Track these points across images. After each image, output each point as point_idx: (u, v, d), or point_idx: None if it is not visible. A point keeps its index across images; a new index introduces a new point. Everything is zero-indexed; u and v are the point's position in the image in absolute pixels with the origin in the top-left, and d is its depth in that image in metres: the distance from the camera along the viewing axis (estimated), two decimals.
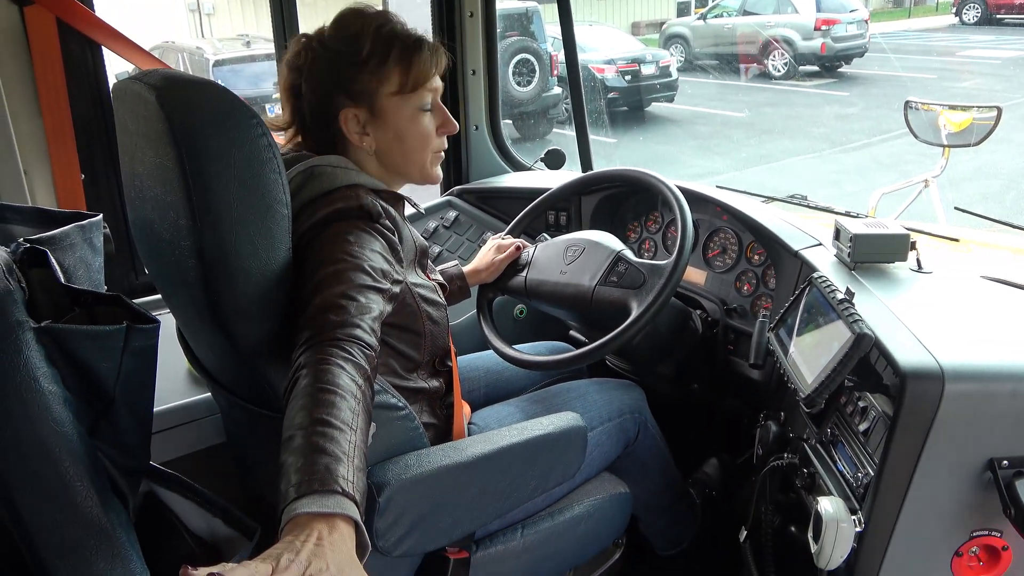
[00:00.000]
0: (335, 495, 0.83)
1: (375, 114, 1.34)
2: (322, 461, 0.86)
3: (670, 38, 14.98)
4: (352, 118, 1.33)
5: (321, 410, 0.92)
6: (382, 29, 1.31)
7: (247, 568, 0.70)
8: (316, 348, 1.02)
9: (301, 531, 0.79)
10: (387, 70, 1.31)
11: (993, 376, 1.18)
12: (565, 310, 1.80)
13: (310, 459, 0.86)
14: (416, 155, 1.40)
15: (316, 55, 1.32)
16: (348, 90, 1.32)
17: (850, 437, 1.30)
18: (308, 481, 0.84)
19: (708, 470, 2.06)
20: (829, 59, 13.09)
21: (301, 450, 0.88)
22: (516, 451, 1.37)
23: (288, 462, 0.87)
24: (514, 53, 9.42)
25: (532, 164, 2.61)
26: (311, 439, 0.88)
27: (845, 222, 1.58)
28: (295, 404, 0.95)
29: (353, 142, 1.35)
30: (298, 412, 0.93)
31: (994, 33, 16.77)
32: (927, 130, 2.85)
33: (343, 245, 1.17)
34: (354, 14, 1.33)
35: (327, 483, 0.84)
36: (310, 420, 0.91)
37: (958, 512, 1.22)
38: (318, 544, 0.77)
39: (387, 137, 1.36)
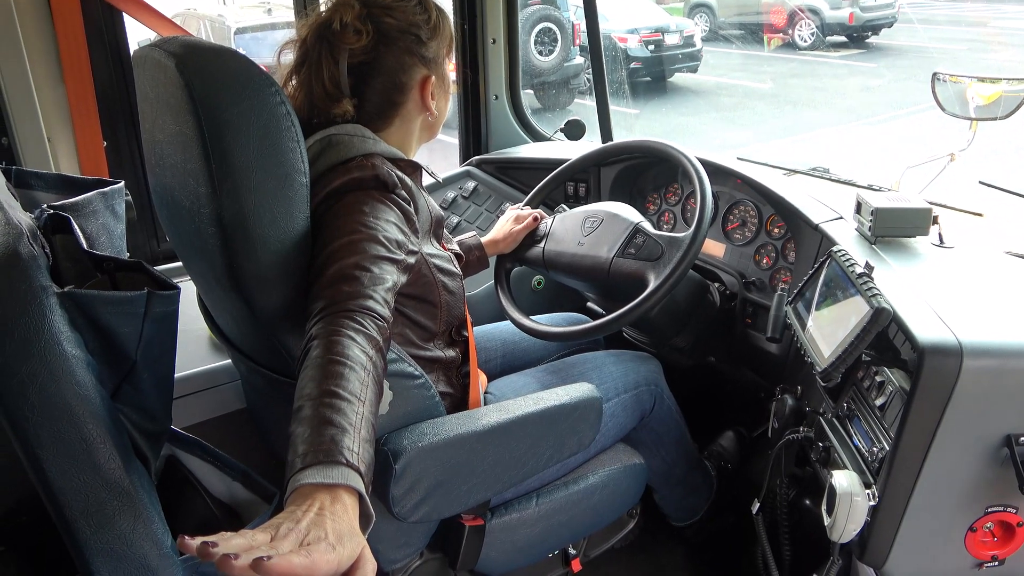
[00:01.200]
0: (339, 466, 0.84)
1: (441, 78, 1.40)
2: (328, 432, 0.87)
3: (695, 7, 14.71)
4: (431, 84, 1.38)
5: (330, 381, 0.93)
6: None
7: (244, 537, 0.72)
8: (328, 319, 1.02)
9: (303, 501, 0.80)
10: (448, 34, 1.38)
11: (1012, 352, 1.17)
12: (582, 281, 1.80)
13: (316, 430, 0.87)
14: (446, 110, 1.47)
15: (383, 28, 1.30)
16: (425, 59, 1.35)
17: (866, 412, 1.30)
18: (313, 452, 0.85)
19: (724, 443, 2.07)
20: (857, 29, 12.82)
21: (308, 421, 0.89)
22: (531, 421, 1.38)
23: (296, 432, 0.89)
24: (536, 22, 9.31)
25: (552, 135, 2.60)
26: (318, 410, 0.89)
27: (867, 195, 1.56)
28: (305, 375, 0.96)
29: (427, 108, 1.39)
30: (308, 383, 0.94)
31: None
32: (955, 103, 2.79)
33: (358, 215, 1.17)
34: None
35: (332, 454, 0.85)
36: (319, 391, 0.92)
37: (973, 488, 1.22)
38: (319, 514, 0.78)
39: (444, 98, 1.43)
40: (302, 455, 0.85)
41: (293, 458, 0.86)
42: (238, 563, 0.66)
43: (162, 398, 1.15)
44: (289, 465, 0.86)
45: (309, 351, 0.99)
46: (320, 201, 1.20)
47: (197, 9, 8.99)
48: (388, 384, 1.25)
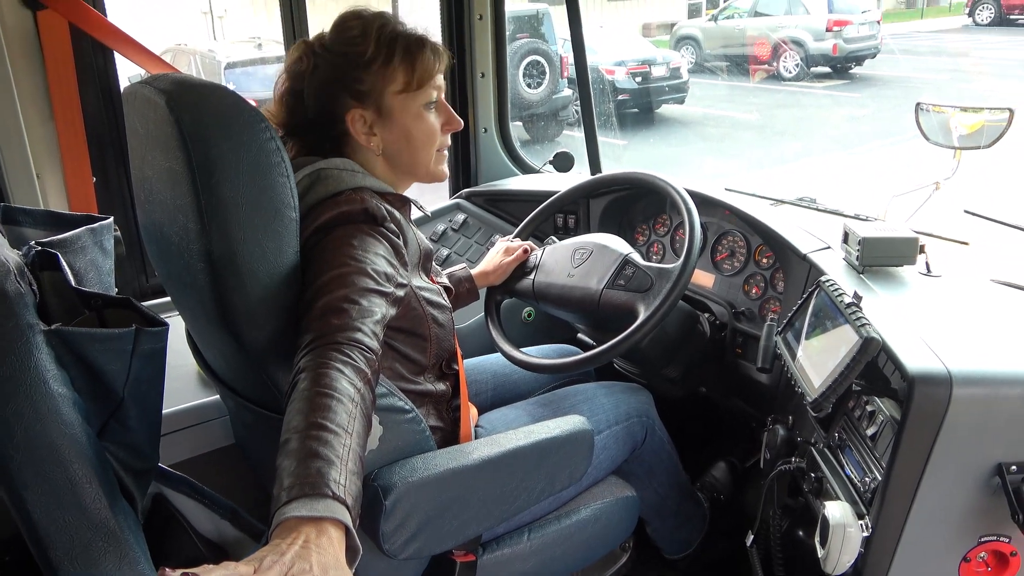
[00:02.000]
0: (325, 499, 0.84)
1: (382, 114, 1.35)
2: (314, 465, 0.87)
3: (681, 39, 14.94)
4: (359, 119, 1.34)
5: (317, 414, 0.92)
6: (384, 29, 1.32)
7: (226, 569, 0.71)
8: (316, 351, 1.02)
9: (288, 534, 0.80)
10: (392, 69, 1.32)
11: (1002, 381, 1.18)
12: (573, 313, 1.80)
13: (303, 463, 0.87)
14: (423, 153, 1.40)
15: (319, 59, 1.33)
16: (354, 91, 1.32)
17: (858, 441, 1.29)
18: (299, 485, 0.84)
19: (716, 474, 2.06)
20: (841, 60, 13.02)
21: (295, 453, 0.88)
22: (523, 454, 1.37)
23: (282, 465, 0.88)
24: (524, 55, 9.41)
25: (541, 167, 2.62)
26: (305, 443, 0.89)
27: (854, 225, 1.57)
28: (293, 407, 0.95)
29: (360, 143, 1.35)
30: (295, 415, 0.93)
31: (1008, 34, 16.65)
32: (938, 132, 2.83)
33: (347, 249, 1.17)
34: (353, 16, 1.33)
35: (318, 487, 0.84)
36: (305, 424, 0.91)
37: (966, 517, 1.21)
38: (304, 547, 0.78)
39: (394, 136, 1.37)
40: (288, 488, 0.84)
41: (279, 491, 0.85)
42: None
43: (150, 435, 1.14)
44: (275, 499, 0.85)
45: (296, 384, 0.99)
46: (309, 235, 1.20)
47: (188, 44, 9.06)
48: (378, 419, 1.25)
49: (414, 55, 1.33)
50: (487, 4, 2.43)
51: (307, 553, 0.77)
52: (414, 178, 1.45)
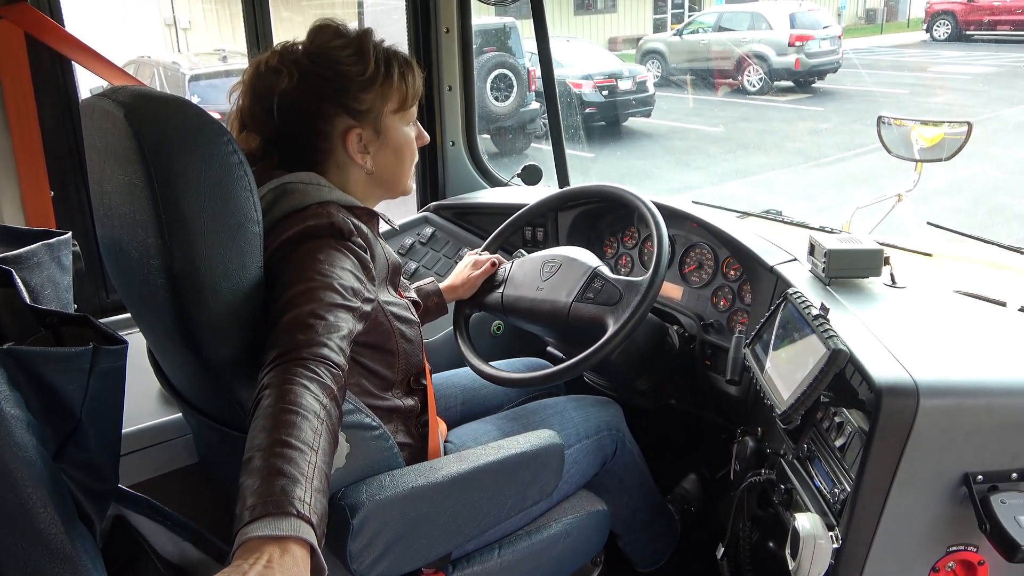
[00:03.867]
0: (289, 517, 0.82)
1: (378, 133, 1.34)
2: (279, 483, 0.85)
3: (647, 54, 15.12)
4: (356, 138, 1.32)
5: (281, 431, 0.90)
6: (379, 48, 1.31)
7: None
8: (281, 367, 1.00)
9: (251, 554, 0.78)
10: (391, 88, 1.32)
11: (967, 391, 1.19)
12: (542, 327, 1.79)
13: (266, 481, 0.85)
14: (406, 169, 1.42)
15: (306, 74, 1.29)
16: (351, 109, 1.30)
17: (827, 453, 1.30)
18: (263, 504, 0.82)
19: (687, 486, 2.06)
20: (803, 75, 13.27)
21: (258, 472, 0.86)
22: (492, 470, 1.35)
23: (245, 484, 0.86)
24: (492, 68, 9.45)
25: (509, 180, 2.61)
26: (268, 460, 0.87)
27: (820, 237, 1.59)
28: (256, 424, 0.93)
29: (356, 161, 1.34)
30: (258, 433, 0.91)
31: (964, 49, 17.09)
32: (900, 145, 2.88)
33: (314, 263, 1.15)
34: (337, 33, 1.31)
35: (282, 505, 0.82)
36: (269, 441, 0.89)
37: (934, 527, 1.22)
38: (267, 567, 0.76)
39: (385, 154, 1.37)
40: (251, 507, 0.82)
41: (241, 510, 0.83)
42: None
43: (109, 456, 1.11)
44: (237, 518, 0.83)
45: (260, 400, 0.97)
46: (275, 250, 1.18)
47: (151, 56, 8.96)
48: (344, 436, 1.23)
49: (406, 74, 1.33)
50: (454, 17, 2.43)
51: (270, 573, 0.75)
52: (392, 194, 1.44)
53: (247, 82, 1.33)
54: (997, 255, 1.84)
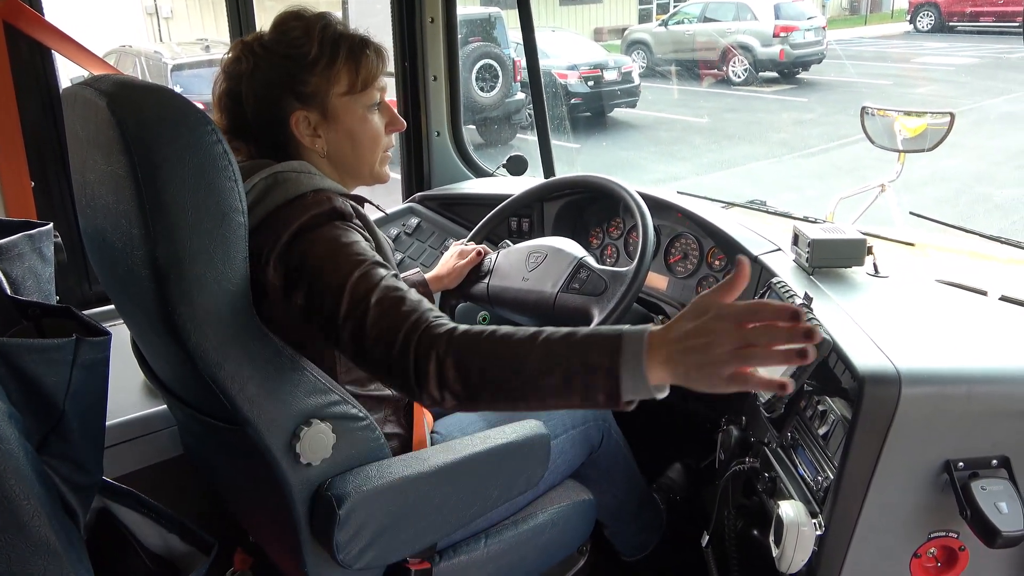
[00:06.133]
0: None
1: (326, 115, 1.33)
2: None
3: (632, 44, 15.11)
4: (303, 120, 1.31)
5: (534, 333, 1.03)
6: (327, 30, 1.30)
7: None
8: (434, 338, 1.03)
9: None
10: (336, 70, 1.30)
11: (948, 379, 1.20)
12: (528, 317, 1.80)
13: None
14: (368, 155, 1.39)
15: (258, 60, 1.30)
16: (298, 92, 1.30)
17: (810, 441, 1.31)
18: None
19: (672, 475, 2.07)
20: (788, 65, 13.31)
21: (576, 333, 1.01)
22: (479, 460, 1.36)
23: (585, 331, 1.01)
24: (477, 59, 9.42)
25: (494, 170, 2.61)
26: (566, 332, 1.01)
27: (803, 227, 1.59)
28: (516, 344, 1.01)
29: (305, 144, 1.33)
30: (530, 340, 1.01)
31: (947, 40, 17.18)
32: (883, 135, 2.89)
33: (345, 248, 1.17)
34: (294, 16, 1.31)
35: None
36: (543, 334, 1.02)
37: (916, 514, 1.24)
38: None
39: (339, 138, 1.35)
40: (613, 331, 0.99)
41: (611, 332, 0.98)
42: None
43: (93, 448, 1.10)
44: (591, 341, 0.98)
45: (470, 363, 1.02)
46: (287, 242, 1.17)
47: (132, 46, 8.88)
48: (331, 426, 1.23)
49: (358, 56, 1.32)
50: (439, 7, 2.42)
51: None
52: (359, 180, 1.43)
53: (221, 71, 1.35)
54: (978, 244, 1.86)
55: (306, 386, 1.21)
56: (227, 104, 1.33)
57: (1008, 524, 1.12)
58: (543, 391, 0.99)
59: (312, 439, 1.21)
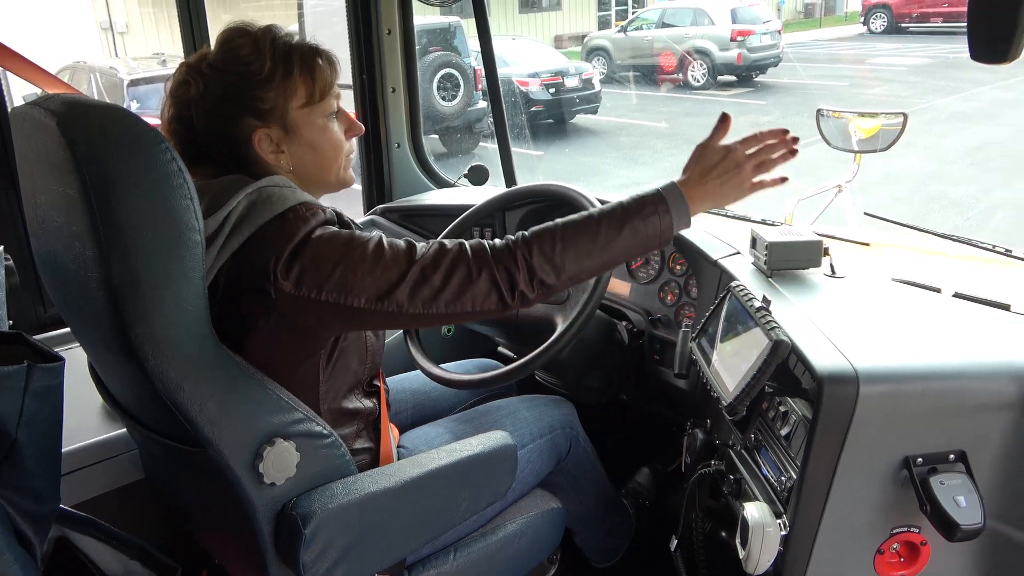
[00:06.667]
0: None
1: (288, 130, 1.31)
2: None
3: (592, 51, 15.22)
4: (265, 138, 1.29)
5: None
6: (277, 43, 1.28)
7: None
8: (506, 246, 1.24)
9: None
10: (293, 83, 1.29)
11: (905, 377, 1.22)
12: (492, 327, 1.80)
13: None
14: (332, 162, 1.38)
15: (208, 81, 1.27)
16: (256, 110, 1.28)
17: (773, 442, 1.32)
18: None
19: (640, 480, 2.08)
20: (745, 69, 13.50)
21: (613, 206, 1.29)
22: (445, 474, 1.35)
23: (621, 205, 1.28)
24: (438, 68, 9.42)
25: (456, 180, 2.61)
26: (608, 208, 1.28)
27: (761, 230, 1.61)
28: (570, 227, 1.27)
29: (269, 162, 1.31)
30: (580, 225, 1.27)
31: (900, 41, 17.55)
32: (838, 137, 2.94)
33: (356, 236, 1.21)
34: (240, 32, 1.29)
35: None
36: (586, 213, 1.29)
37: (878, 511, 1.25)
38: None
39: (302, 151, 1.33)
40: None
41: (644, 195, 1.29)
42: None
43: (48, 476, 1.08)
44: (641, 201, 1.28)
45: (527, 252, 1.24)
46: (293, 248, 1.17)
47: (87, 61, 8.74)
48: (294, 444, 1.22)
49: (312, 66, 1.30)
50: (395, 19, 2.41)
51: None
52: (325, 189, 1.41)
53: (168, 96, 1.32)
54: (932, 242, 1.90)
55: (269, 405, 1.20)
56: (177, 130, 1.30)
57: (966, 517, 1.14)
58: (615, 248, 1.26)
59: (275, 458, 1.19)
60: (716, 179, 1.30)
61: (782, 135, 1.32)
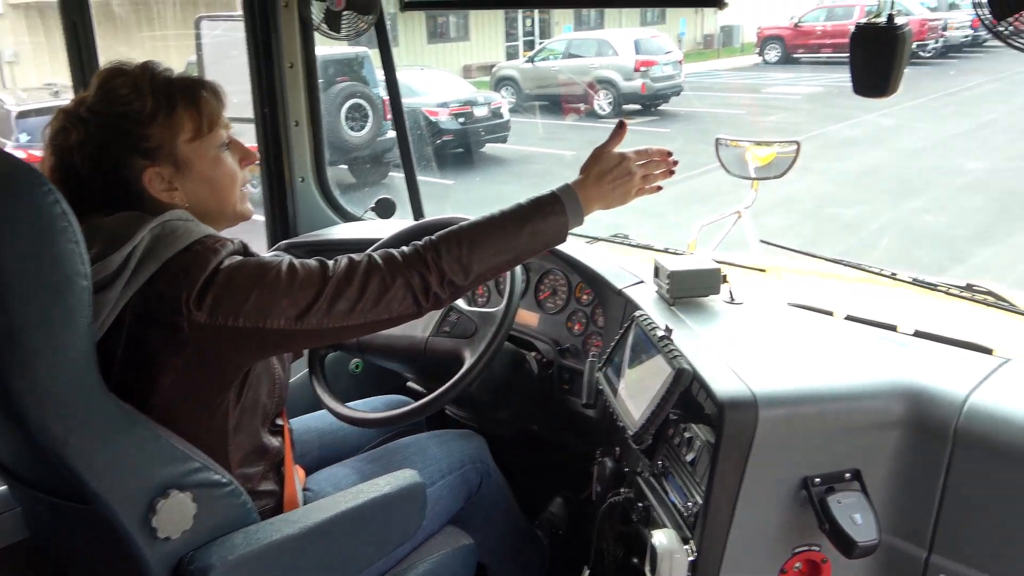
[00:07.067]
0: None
1: (179, 166, 1.27)
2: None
3: (500, 80, 15.42)
4: (156, 177, 1.25)
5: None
6: (156, 79, 1.25)
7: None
8: (414, 252, 1.28)
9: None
10: (178, 118, 1.25)
11: (801, 400, 1.26)
12: (400, 363, 1.78)
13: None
14: (229, 194, 1.35)
15: (89, 126, 1.23)
16: (142, 149, 1.24)
17: (679, 468, 1.34)
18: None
19: (553, 509, 2.08)
20: (649, 98, 13.91)
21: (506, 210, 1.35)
22: (352, 517, 1.32)
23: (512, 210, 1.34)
24: (345, 98, 9.36)
25: (362, 214, 2.58)
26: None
27: (663, 260, 1.65)
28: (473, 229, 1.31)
29: (163, 200, 1.26)
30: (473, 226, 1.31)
31: (793, 71, 18.42)
32: (736, 165, 3.04)
33: (267, 261, 1.21)
34: (116, 72, 1.25)
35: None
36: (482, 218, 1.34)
37: (780, 531, 1.28)
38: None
39: (196, 186, 1.30)
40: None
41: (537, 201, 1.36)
42: None
43: None
44: (538, 202, 1.36)
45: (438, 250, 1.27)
46: (206, 279, 1.15)
47: None
48: (190, 495, 1.17)
49: (195, 99, 1.27)
50: (297, 52, 2.38)
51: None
52: (222, 223, 1.37)
53: (47, 144, 1.27)
54: (825, 265, 1.98)
55: (162, 454, 1.15)
56: (60, 178, 1.24)
57: (863, 535, 1.18)
58: (518, 247, 1.33)
59: (170, 511, 1.15)
60: (609, 183, 1.39)
61: (666, 155, 1.45)
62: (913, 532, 1.25)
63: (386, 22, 2.33)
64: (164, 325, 1.15)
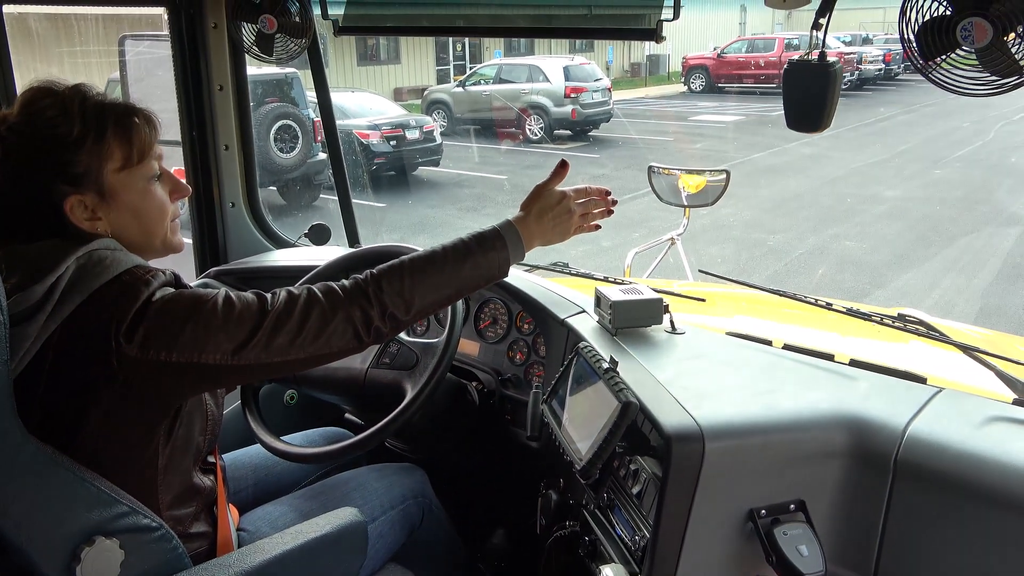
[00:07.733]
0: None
1: (104, 195, 1.20)
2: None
3: (432, 104, 15.44)
4: (78, 205, 1.18)
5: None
6: (87, 103, 1.18)
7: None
8: (354, 287, 1.24)
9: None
10: (107, 145, 1.19)
11: (746, 431, 1.26)
12: (338, 395, 1.73)
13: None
14: (157, 227, 1.28)
15: (9, 146, 1.15)
16: (67, 175, 1.17)
17: (626, 500, 1.33)
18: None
19: (496, 541, 2.04)
20: (580, 124, 14.14)
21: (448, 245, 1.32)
22: (290, 559, 1.26)
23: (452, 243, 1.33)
24: (275, 120, 9.21)
25: (296, 240, 2.52)
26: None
27: (605, 289, 1.64)
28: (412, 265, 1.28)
29: (85, 229, 1.20)
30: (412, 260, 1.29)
31: (717, 100, 19.02)
32: (669, 192, 3.10)
33: (202, 294, 1.18)
34: (44, 93, 1.18)
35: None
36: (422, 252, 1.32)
37: (728, 563, 1.28)
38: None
39: (122, 217, 1.23)
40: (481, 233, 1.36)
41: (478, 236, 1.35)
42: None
43: None
44: (480, 237, 1.34)
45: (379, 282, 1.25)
46: (137, 310, 1.11)
47: None
48: (118, 542, 1.10)
49: (127, 126, 1.21)
50: (227, 74, 2.32)
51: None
52: (150, 255, 1.30)
53: None
54: (760, 293, 2.01)
55: (86, 499, 1.09)
56: None
57: (809, 566, 1.19)
58: (459, 282, 1.32)
59: (96, 559, 1.08)
60: (550, 221, 1.39)
61: (605, 195, 1.46)
62: (858, 562, 1.26)
63: (319, 45, 2.28)
64: (91, 360, 1.10)
